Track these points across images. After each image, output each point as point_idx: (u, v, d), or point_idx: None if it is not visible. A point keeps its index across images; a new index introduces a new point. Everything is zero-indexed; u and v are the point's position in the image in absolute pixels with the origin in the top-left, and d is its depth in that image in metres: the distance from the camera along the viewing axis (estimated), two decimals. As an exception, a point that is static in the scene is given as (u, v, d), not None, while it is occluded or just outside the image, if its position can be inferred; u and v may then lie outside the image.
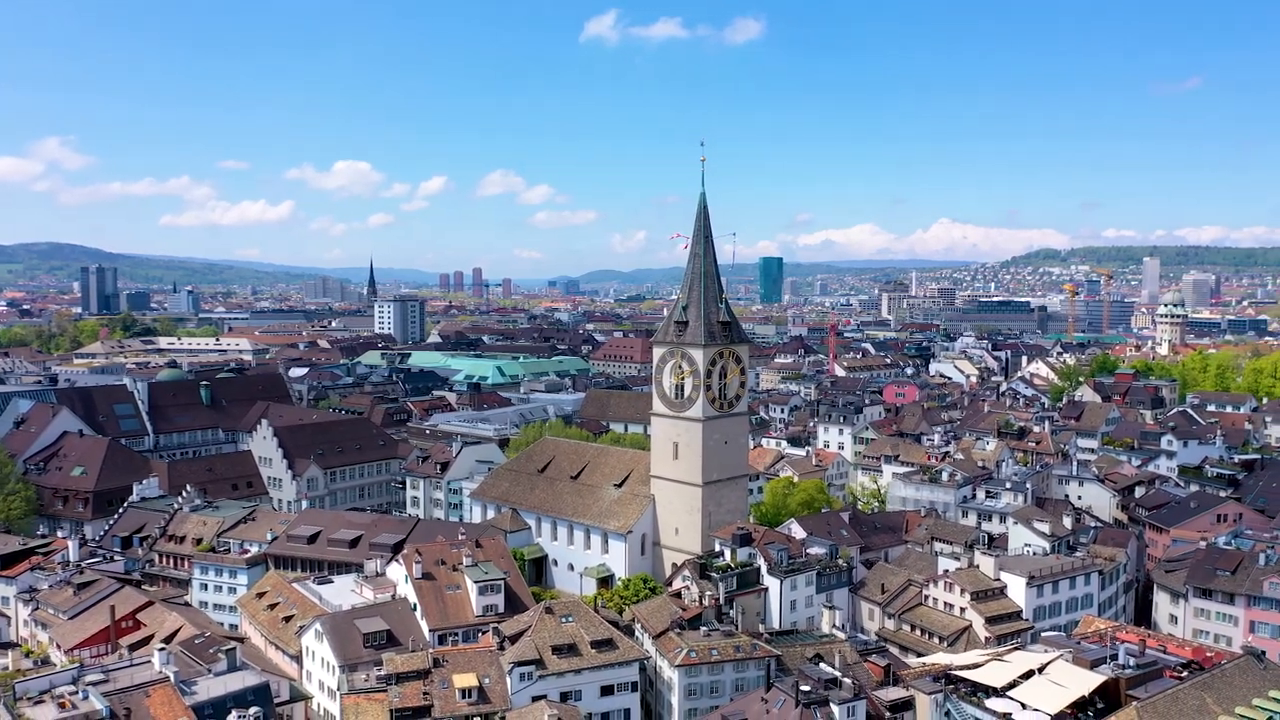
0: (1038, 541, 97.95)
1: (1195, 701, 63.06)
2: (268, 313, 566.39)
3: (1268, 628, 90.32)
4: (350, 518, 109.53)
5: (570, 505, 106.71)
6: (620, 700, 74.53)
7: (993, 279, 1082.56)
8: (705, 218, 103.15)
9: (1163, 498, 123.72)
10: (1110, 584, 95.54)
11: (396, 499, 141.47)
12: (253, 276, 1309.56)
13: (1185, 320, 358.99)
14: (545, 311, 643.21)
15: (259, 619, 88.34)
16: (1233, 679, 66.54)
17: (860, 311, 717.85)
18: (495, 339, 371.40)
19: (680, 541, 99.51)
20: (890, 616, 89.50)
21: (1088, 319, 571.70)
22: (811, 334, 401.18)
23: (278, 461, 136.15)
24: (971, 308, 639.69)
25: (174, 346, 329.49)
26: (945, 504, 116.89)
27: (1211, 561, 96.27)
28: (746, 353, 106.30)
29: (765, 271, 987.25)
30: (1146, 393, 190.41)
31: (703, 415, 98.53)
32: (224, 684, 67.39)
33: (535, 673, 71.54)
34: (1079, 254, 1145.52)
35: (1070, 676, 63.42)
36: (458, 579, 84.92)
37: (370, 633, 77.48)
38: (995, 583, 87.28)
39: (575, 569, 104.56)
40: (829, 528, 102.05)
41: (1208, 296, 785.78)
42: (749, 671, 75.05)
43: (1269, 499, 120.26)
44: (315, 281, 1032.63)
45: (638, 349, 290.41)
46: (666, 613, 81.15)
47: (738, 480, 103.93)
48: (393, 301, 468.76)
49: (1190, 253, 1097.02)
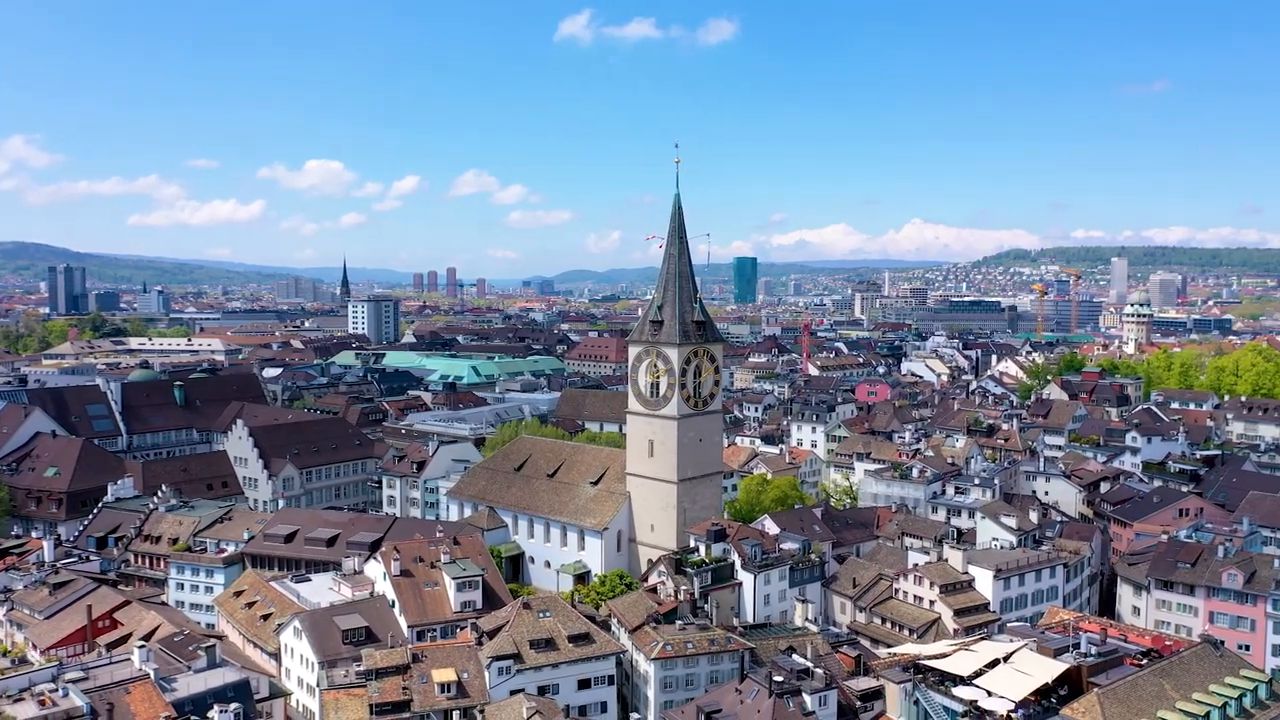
0: (1005, 536, 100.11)
1: (1154, 688, 65.28)
2: (240, 313, 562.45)
3: (1226, 618, 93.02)
4: (327, 516, 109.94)
5: (547, 503, 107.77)
6: (597, 693, 75.74)
7: (964, 279, 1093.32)
8: (680, 218, 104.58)
9: (1127, 493, 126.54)
10: (1075, 576, 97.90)
11: (372, 498, 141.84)
12: (224, 276, 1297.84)
13: (1151, 320, 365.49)
14: (520, 311, 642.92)
15: (236, 617, 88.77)
16: (1190, 666, 68.94)
17: (834, 311, 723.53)
18: (470, 339, 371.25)
19: (656, 538, 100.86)
20: (861, 610, 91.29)
21: (1057, 318, 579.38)
22: (785, 334, 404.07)
23: (253, 461, 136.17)
24: (943, 307, 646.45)
25: (145, 347, 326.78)
26: (915, 500, 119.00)
27: (1173, 554, 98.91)
28: (720, 352, 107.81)
29: (739, 271, 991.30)
30: (1112, 390, 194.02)
31: (678, 413, 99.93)
32: (204, 680, 67.89)
33: (513, 667, 72.57)
34: (1049, 254, 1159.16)
35: (1034, 665, 65.30)
36: (436, 576, 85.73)
37: (349, 629, 78.13)
38: (963, 576, 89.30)
39: (552, 566, 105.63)
40: (802, 524, 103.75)
41: (1174, 296, 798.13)
42: (723, 664, 76.50)
43: (1229, 494, 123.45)
44: (287, 281, 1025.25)
45: (613, 349, 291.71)
46: (642, 607, 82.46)
47: (712, 477, 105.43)
48: (366, 301, 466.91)
49: (1157, 253, 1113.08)
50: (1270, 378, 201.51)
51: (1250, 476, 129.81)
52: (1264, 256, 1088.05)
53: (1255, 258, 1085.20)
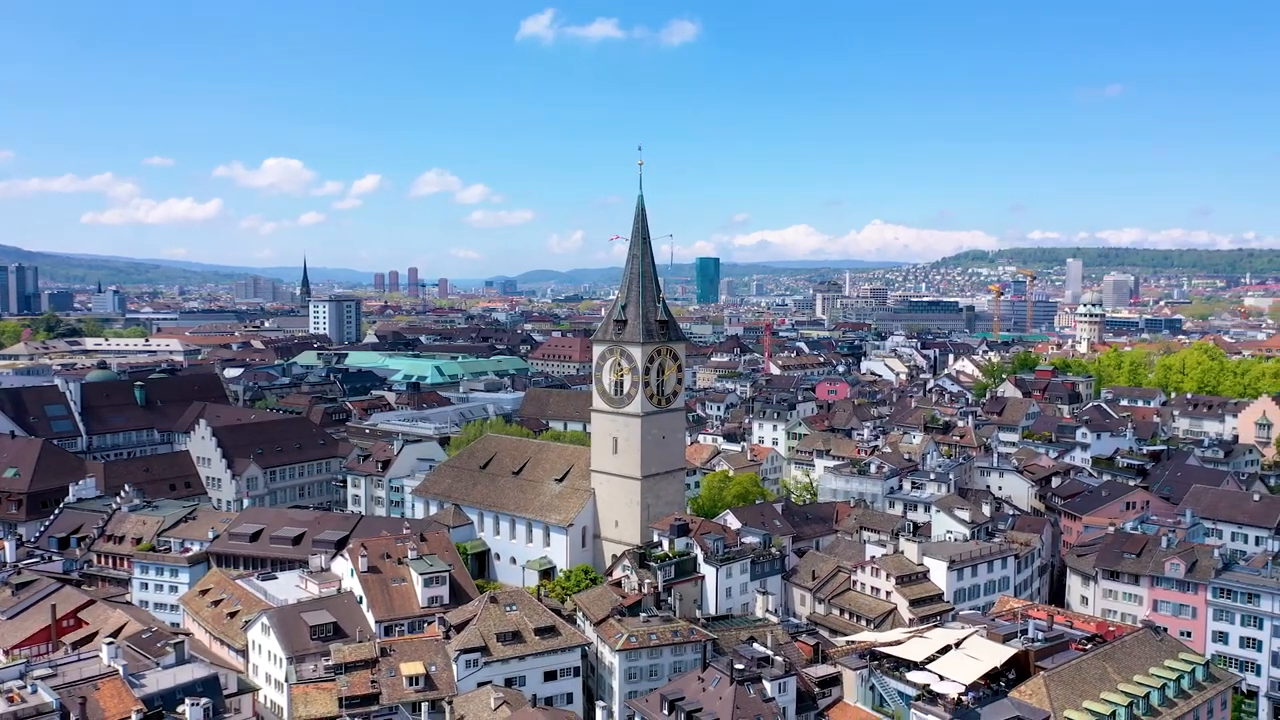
0: (959, 528, 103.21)
1: (1097, 671, 68.34)
2: (197, 313, 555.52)
3: (1169, 606, 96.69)
4: (293, 515, 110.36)
5: (512, 500, 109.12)
6: (563, 685, 77.43)
7: (924, 279, 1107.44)
8: (643, 220, 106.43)
9: (1077, 487, 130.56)
10: (1026, 567, 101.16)
11: (337, 498, 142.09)
12: (180, 276, 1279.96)
13: (1103, 319, 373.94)
14: (483, 311, 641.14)
15: (202, 615, 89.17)
16: (1132, 650, 72.22)
17: (795, 311, 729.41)
18: (433, 339, 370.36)
19: (620, 533, 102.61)
20: (820, 601, 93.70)
21: (1013, 318, 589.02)
22: (747, 333, 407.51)
23: (216, 461, 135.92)
24: (902, 307, 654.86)
25: (102, 348, 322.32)
26: (873, 495, 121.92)
27: (1119, 545, 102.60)
28: (683, 350, 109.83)
29: (702, 272, 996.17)
30: (1064, 388, 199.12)
31: (641, 411, 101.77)
32: (173, 676, 68.46)
33: (481, 659, 74.03)
34: (1006, 255, 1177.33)
35: (984, 650, 68.01)
36: (403, 572, 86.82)
37: (317, 625, 78.99)
38: (919, 567, 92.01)
39: (517, 562, 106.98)
40: (763, 518, 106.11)
41: (1127, 296, 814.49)
42: (686, 655, 78.43)
43: (1174, 487, 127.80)
44: (246, 281, 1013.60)
45: (576, 348, 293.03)
46: (607, 601, 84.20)
47: (675, 473, 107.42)
48: (328, 301, 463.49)
49: (1111, 254, 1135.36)
50: (1215, 376, 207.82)
51: (1194, 470, 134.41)
52: (1213, 258, 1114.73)
53: (1205, 259, 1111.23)
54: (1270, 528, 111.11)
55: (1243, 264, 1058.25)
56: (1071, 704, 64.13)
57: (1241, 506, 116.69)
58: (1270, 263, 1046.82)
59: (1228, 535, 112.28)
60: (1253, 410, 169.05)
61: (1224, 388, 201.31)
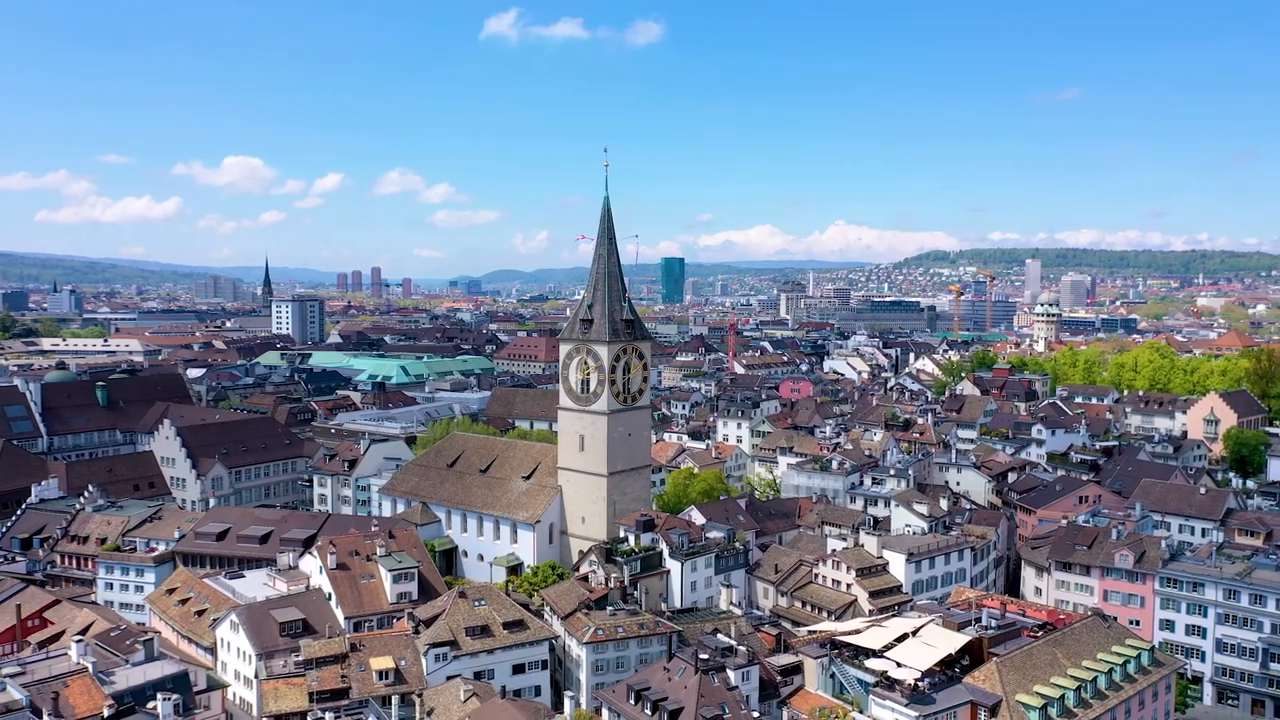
0: (917, 522, 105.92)
1: (1047, 656, 71.04)
2: (157, 313, 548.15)
3: (1118, 595, 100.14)
4: (260, 514, 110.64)
5: (480, 498, 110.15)
6: (531, 678, 78.81)
7: (886, 279, 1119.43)
8: (609, 220, 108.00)
9: (1032, 482, 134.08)
10: (982, 559, 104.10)
11: (303, 497, 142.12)
12: (138, 275, 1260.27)
13: (1060, 319, 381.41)
14: (448, 311, 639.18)
15: (170, 614, 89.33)
16: (1081, 637, 75.06)
17: (760, 311, 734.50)
18: (398, 339, 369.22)
19: (587, 529, 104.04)
20: (783, 594, 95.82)
21: (973, 318, 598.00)
22: (712, 333, 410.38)
23: (181, 461, 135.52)
24: (865, 307, 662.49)
25: (59, 348, 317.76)
26: (835, 490, 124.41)
27: (1071, 538, 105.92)
28: (649, 349, 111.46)
29: (667, 272, 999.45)
30: (1021, 386, 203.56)
31: (607, 409, 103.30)
32: (143, 673, 68.76)
33: (450, 653, 75.23)
34: (967, 255, 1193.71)
35: (940, 638, 70.33)
36: (372, 569, 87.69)
37: (286, 622, 79.55)
38: (878, 560, 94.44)
39: (485, 559, 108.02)
40: (727, 514, 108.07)
41: (1084, 296, 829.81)
42: (652, 647, 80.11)
43: (1124, 481, 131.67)
44: (205, 281, 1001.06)
45: (542, 348, 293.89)
46: (574, 595, 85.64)
47: (641, 470, 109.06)
48: (291, 301, 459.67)
49: (1069, 255, 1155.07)
50: (1166, 373, 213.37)
51: (1144, 465, 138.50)
52: (1167, 259, 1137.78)
53: (1159, 260, 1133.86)
54: (1216, 520, 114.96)
55: (1196, 265, 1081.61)
56: (1023, 688, 66.67)
57: (1189, 499, 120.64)
58: (1222, 263, 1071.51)
59: (1175, 527, 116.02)
60: (1201, 407, 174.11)
61: (1174, 385, 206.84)
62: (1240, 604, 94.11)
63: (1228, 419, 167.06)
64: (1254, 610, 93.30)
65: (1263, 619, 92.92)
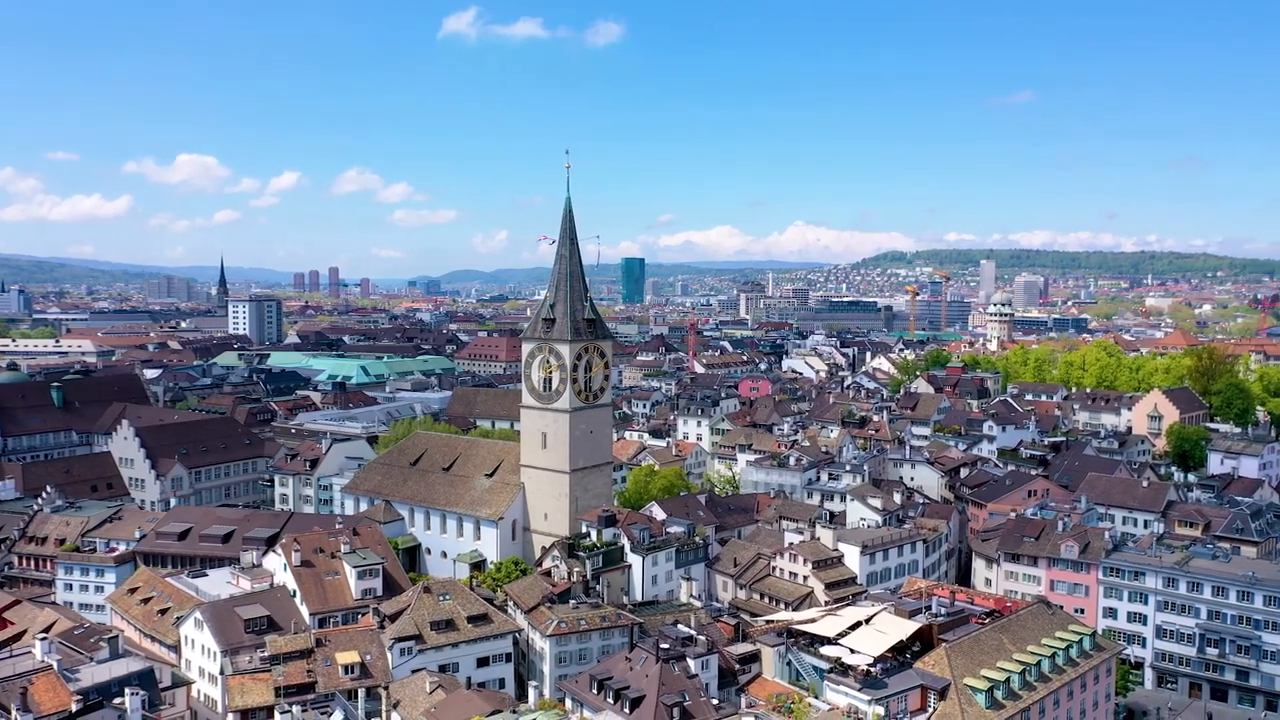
0: (871, 516, 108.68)
1: (994, 642, 73.90)
2: (109, 313, 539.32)
3: (1064, 585, 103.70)
4: (222, 514, 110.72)
5: (443, 495, 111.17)
6: (495, 670, 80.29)
7: (844, 280, 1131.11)
8: (571, 221, 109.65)
9: (983, 477, 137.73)
10: (934, 551, 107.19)
11: (264, 497, 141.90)
12: (88, 275, 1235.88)
13: (1012, 319, 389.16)
14: (407, 311, 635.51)
15: (132, 613, 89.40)
16: (1026, 623, 78.07)
17: (719, 311, 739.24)
18: (357, 339, 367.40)
19: (549, 526, 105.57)
20: (742, 587, 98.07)
21: (929, 318, 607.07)
22: (673, 333, 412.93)
23: (140, 462, 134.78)
24: (823, 307, 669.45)
25: (10, 349, 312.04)
26: (792, 486, 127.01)
27: (1019, 530, 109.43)
28: (610, 348, 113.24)
29: (627, 272, 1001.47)
30: (974, 384, 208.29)
31: (570, 407, 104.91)
32: (108, 670, 69.38)
33: (415, 647, 76.44)
34: (923, 256, 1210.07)
35: (891, 625, 72.85)
36: (336, 565, 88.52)
37: (251, 619, 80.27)
38: (834, 553, 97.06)
39: (448, 556, 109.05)
40: (687, 509, 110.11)
41: (1037, 296, 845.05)
42: (614, 639, 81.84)
43: (1071, 475, 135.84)
44: (158, 281, 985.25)
45: (503, 348, 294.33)
46: (537, 590, 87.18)
47: (603, 467, 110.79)
48: (247, 301, 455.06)
49: (1023, 256, 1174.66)
50: (1112, 371, 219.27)
51: (1090, 460, 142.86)
52: (1118, 260, 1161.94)
53: (1110, 261, 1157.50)
54: (1157, 511, 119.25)
55: (1145, 265, 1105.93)
56: (970, 672, 69.39)
57: (1132, 492, 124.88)
58: (1170, 264, 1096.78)
59: (1119, 519, 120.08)
60: (1145, 403, 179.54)
61: (1120, 383, 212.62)
62: (1178, 592, 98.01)
63: (1170, 415, 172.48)
64: (1191, 597, 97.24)
65: (1199, 606, 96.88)
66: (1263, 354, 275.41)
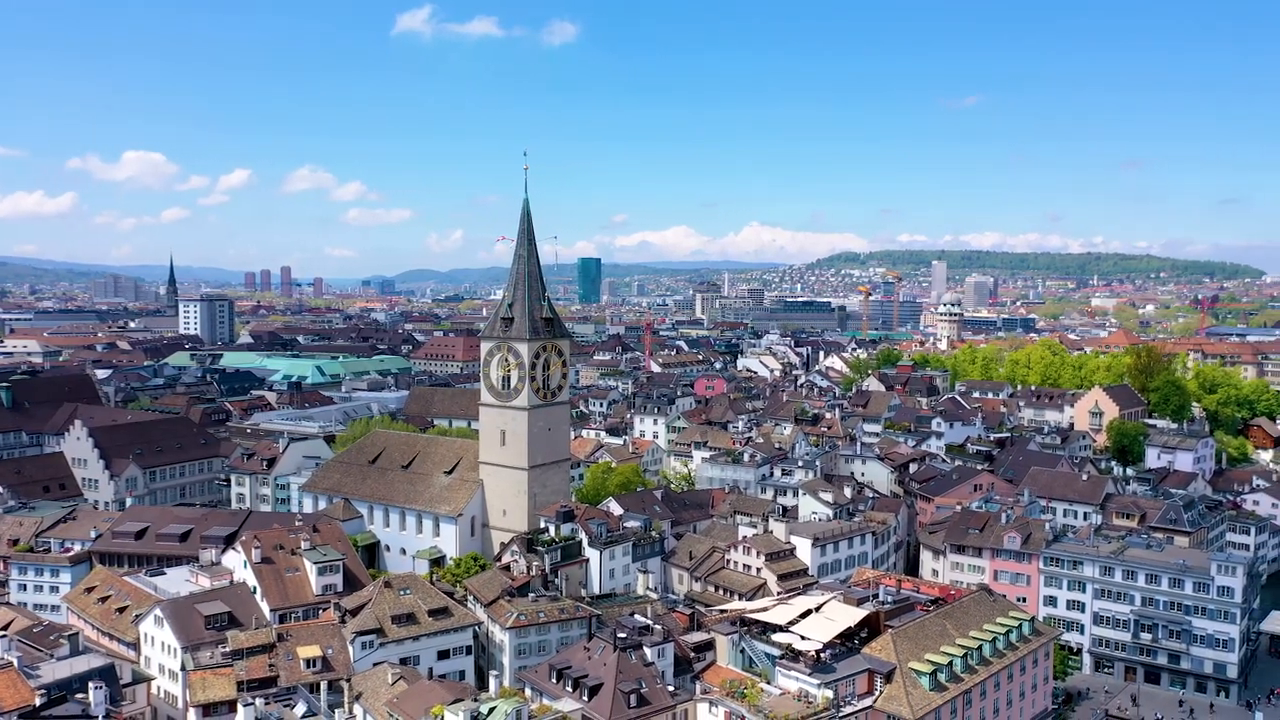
0: (823, 510, 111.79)
1: (938, 628, 76.99)
2: (54, 313, 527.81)
3: (1007, 574, 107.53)
4: (179, 513, 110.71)
5: (402, 493, 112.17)
6: (456, 663, 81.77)
7: (799, 280, 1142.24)
8: (529, 222, 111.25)
9: (931, 472, 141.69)
10: (883, 543, 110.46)
11: (220, 497, 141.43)
12: (30, 274, 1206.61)
13: (961, 318, 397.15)
14: (361, 311, 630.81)
15: (89, 612, 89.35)
16: (969, 610, 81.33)
17: (676, 311, 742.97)
18: (311, 339, 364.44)
19: (508, 522, 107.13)
20: (697, 579, 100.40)
21: (881, 317, 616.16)
22: (629, 333, 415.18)
23: (94, 462, 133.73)
24: (778, 307, 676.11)
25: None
26: (746, 482, 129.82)
27: (965, 522, 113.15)
28: (568, 347, 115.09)
29: (584, 272, 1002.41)
30: (923, 382, 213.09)
31: (528, 404, 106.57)
32: (69, 666, 69.69)
33: (376, 641, 77.68)
34: (877, 257, 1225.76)
35: (840, 613, 75.59)
36: (296, 562, 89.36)
37: (211, 615, 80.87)
38: (786, 545, 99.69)
39: (408, 553, 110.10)
40: (644, 505, 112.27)
41: (987, 297, 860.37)
42: (573, 631, 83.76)
43: (1015, 470, 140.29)
44: (105, 280, 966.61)
45: (459, 348, 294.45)
46: (497, 584, 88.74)
47: (561, 464, 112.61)
48: (198, 301, 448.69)
49: (973, 257, 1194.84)
50: (1056, 369, 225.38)
51: (1034, 455, 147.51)
52: (1065, 261, 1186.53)
53: (1057, 262, 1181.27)
54: (1096, 504, 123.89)
55: (1091, 266, 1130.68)
56: (915, 656, 72.36)
57: (1072, 486, 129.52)
58: (1115, 265, 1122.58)
59: (1060, 512, 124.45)
60: (1086, 400, 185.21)
61: (1064, 380, 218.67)
62: (1114, 580, 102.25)
63: (1111, 411, 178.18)
64: (1126, 585, 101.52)
65: (1134, 593, 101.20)
66: (1200, 353, 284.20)
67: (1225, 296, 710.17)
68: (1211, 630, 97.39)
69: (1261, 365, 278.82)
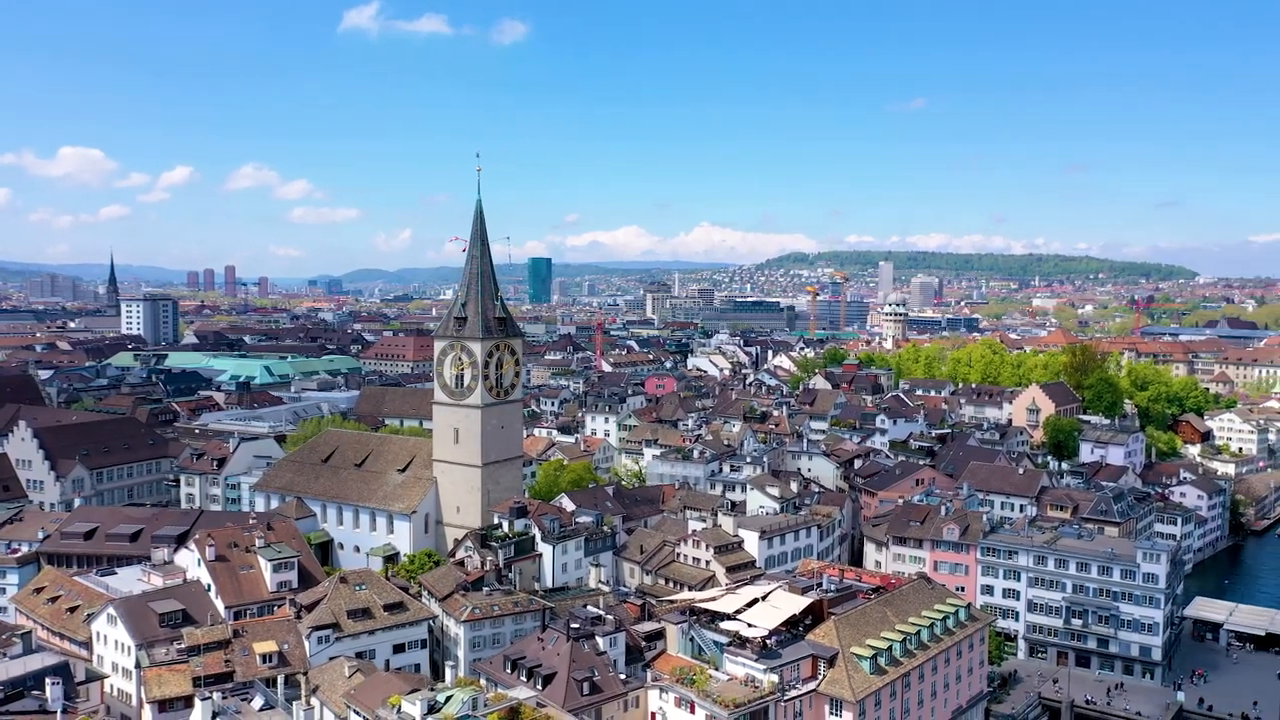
0: (770, 504, 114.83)
1: (879, 614, 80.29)
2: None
3: (946, 565, 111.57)
4: (129, 513, 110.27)
5: (355, 491, 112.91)
6: (411, 656, 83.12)
7: (749, 280, 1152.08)
8: (482, 222, 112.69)
9: (875, 467, 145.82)
10: (828, 536, 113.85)
11: (169, 497, 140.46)
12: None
13: (907, 318, 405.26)
14: (308, 311, 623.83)
15: (39, 613, 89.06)
16: (908, 597, 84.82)
17: (627, 311, 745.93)
18: (258, 339, 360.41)
19: (462, 518, 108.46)
20: (648, 573, 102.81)
21: (829, 317, 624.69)
22: (580, 332, 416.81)
23: (39, 463, 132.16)
24: (728, 307, 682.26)
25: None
26: (696, 478, 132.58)
27: (906, 515, 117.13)
28: (521, 346, 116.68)
29: (534, 272, 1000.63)
30: (869, 381, 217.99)
31: (481, 402, 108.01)
32: (23, 664, 69.88)
33: (332, 635, 78.79)
34: (825, 257, 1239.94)
35: (785, 601, 78.51)
36: (251, 560, 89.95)
37: (166, 613, 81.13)
38: (734, 538, 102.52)
39: (361, 550, 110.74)
40: (596, 501, 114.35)
41: (932, 297, 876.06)
42: (526, 623, 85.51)
43: (956, 465, 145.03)
44: (41, 279, 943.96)
45: (410, 347, 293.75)
46: (451, 579, 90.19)
47: (514, 461, 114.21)
48: (141, 301, 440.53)
49: (919, 258, 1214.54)
50: (996, 368, 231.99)
51: (973, 450, 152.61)
52: (1008, 262, 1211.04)
53: (1001, 263, 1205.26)
54: (1031, 496, 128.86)
55: (1033, 267, 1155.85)
56: (856, 642, 75.50)
57: (1009, 479, 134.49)
58: (1056, 267, 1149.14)
59: (998, 504, 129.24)
60: (1024, 398, 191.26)
61: (1003, 378, 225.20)
62: (1047, 568, 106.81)
63: (1047, 408, 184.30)
64: (1058, 573, 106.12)
65: (1066, 581, 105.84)
66: (1135, 351, 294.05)
67: (1160, 297, 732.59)
68: (1138, 615, 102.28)
69: (1192, 363, 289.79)
